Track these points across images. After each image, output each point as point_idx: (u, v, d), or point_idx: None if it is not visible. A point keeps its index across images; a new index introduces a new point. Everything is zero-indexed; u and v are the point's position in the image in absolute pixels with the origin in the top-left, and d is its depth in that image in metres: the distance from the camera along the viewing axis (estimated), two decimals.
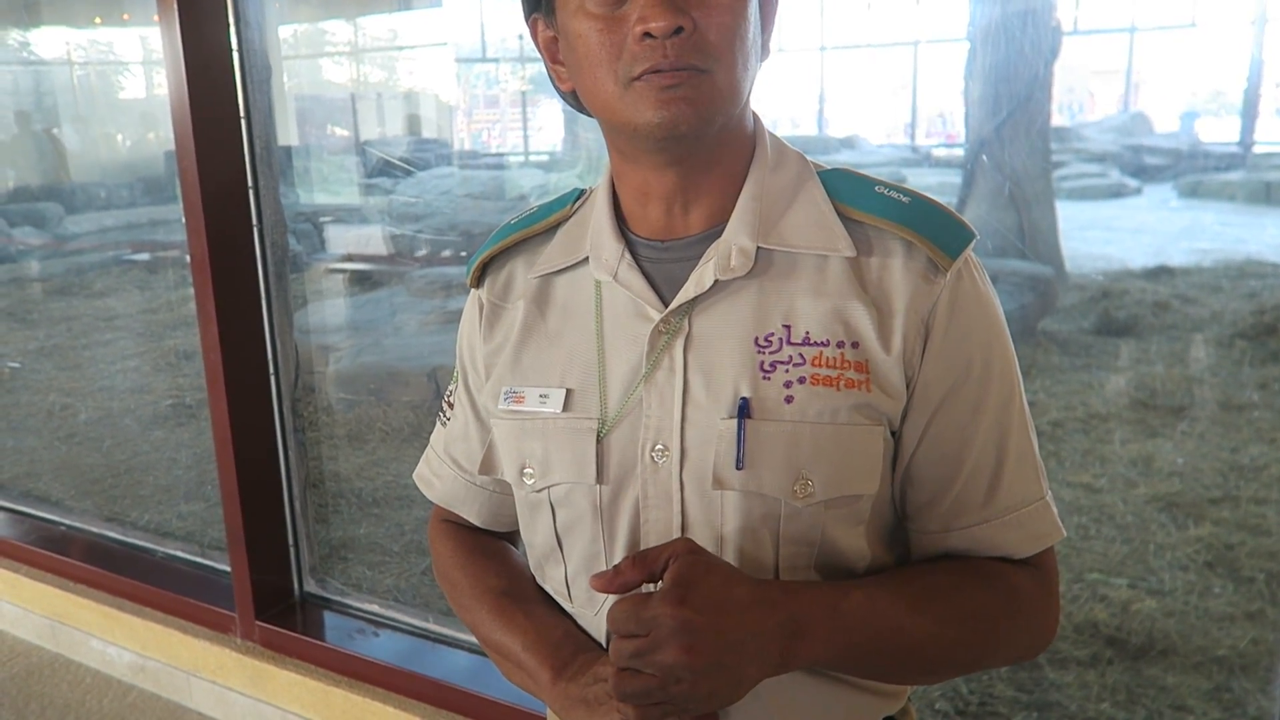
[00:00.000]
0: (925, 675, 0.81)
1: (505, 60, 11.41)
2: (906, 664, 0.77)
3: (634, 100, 0.72)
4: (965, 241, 0.77)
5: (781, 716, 0.81)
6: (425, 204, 7.37)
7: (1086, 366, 4.56)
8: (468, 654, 2.25)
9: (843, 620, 0.72)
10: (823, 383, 0.75)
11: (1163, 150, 9.92)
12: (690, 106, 0.71)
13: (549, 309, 0.86)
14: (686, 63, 0.70)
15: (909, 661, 0.76)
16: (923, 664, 0.77)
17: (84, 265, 6.93)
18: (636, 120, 0.72)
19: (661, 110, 0.71)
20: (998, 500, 0.79)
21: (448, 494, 0.99)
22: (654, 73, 0.70)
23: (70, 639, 2.79)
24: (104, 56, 8.64)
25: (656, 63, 0.70)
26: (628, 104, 0.72)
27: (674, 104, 0.71)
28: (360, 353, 4.88)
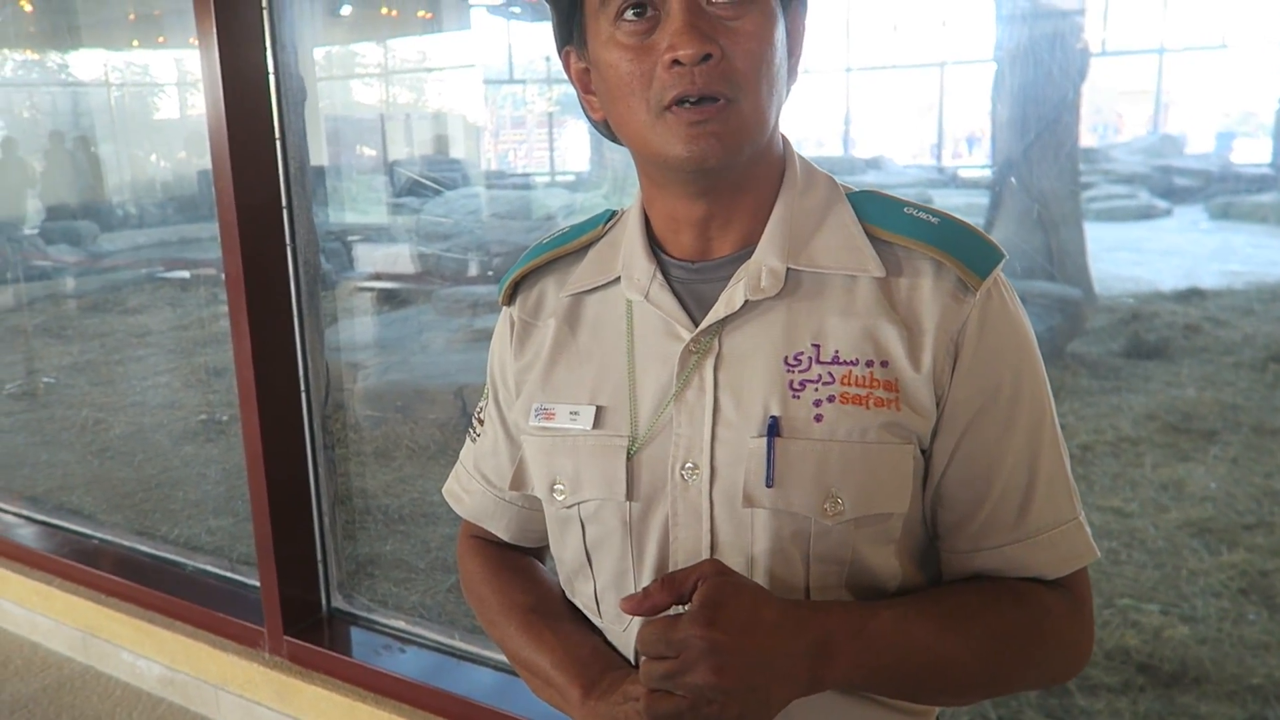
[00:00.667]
0: (955, 696, 0.81)
1: (532, 82, 11.52)
2: (936, 684, 0.76)
3: (664, 132, 0.73)
4: (995, 262, 0.77)
5: None
6: (452, 223, 7.44)
7: (1116, 389, 4.51)
8: (492, 671, 2.25)
9: (872, 641, 0.72)
10: (852, 401, 0.76)
11: (1193, 171, 9.84)
12: (718, 141, 0.72)
13: (580, 327, 0.87)
14: (714, 90, 0.71)
15: (939, 682, 0.76)
16: (953, 685, 0.77)
17: (118, 282, 7.05)
18: (666, 153, 0.74)
19: (691, 145, 0.72)
20: (1029, 520, 0.79)
21: (477, 509, 1.00)
22: (683, 103, 0.71)
23: (101, 651, 2.82)
24: (139, 78, 8.81)
25: (685, 89, 0.71)
26: (658, 135, 0.73)
27: (702, 139, 0.72)
28: (387, 370, 4.92)
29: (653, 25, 0.72)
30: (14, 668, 2.87)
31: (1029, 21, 5.31)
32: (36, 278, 6.41)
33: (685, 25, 0.70)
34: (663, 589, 0.70)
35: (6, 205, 6.58)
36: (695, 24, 0.70)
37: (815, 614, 0.72)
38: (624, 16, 0.73)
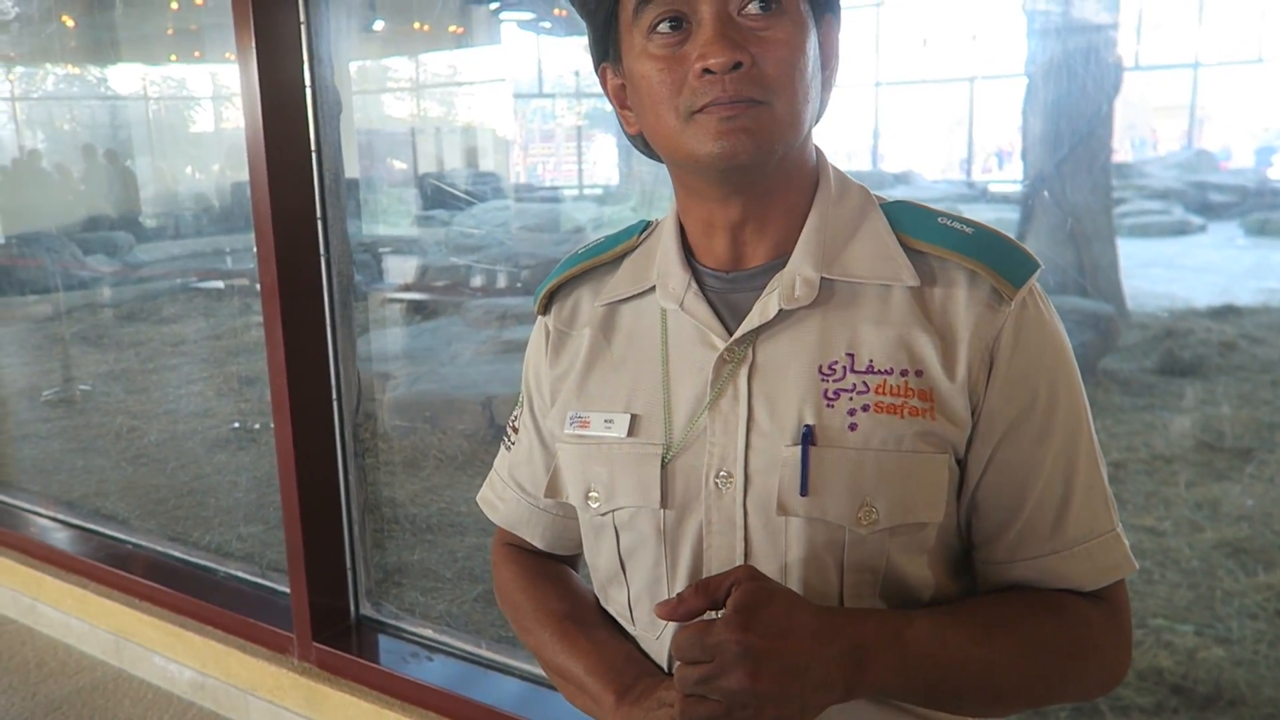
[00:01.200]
0: (991, 706, 0.80)
1: (562, 95, 11.61)
2: (972, 694, 0.76)
3: (695, 132, 0.74)
4: (1030, 271, 0.77)
5: None
6: (482, 235, 7.49)
7: (1150, 407, 4.46)
8: (519, 680, 2.25)
9: (907, 648, 0.72)
10: (886, 410, 0.76)
11: (1228, 187, 9.72)
12: (750, 136, 0.73)
13: (614, 336, 0.88)
14: (745, 96, 0.72)
15: (974, 691, 0.76)
16: (988, 694, 0.76)
17: (153, 292, 7.15)
18: (698, 151, 0.74)
19: (722, 140, 0.73)
20: (1065, 531, 0.78)
21: (511, 517, 1.00)
22: (714, 105, 0.72)
23: (133, 655, 2.86)
24: (176, 92, 8.96)
25: (716, 96, 0.72)
26: (689, 136, 0.74)
27: (733, 134, 0.73)
28: (417, 381, 4.96)
29: (684, 37, 0.73)
30: (48, 670, 2.91)
31: (1061, 36, 5.29)
32: (74, 287, 6.52)
33: (716, 35, 0.71)
34: (697, 594, 0.71)
35: (44, 216, 6.71)
36: (726, 33, 0.71)
37: (851, 620, 0.72)
38: (657, 29, 0.74)
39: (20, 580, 3.18)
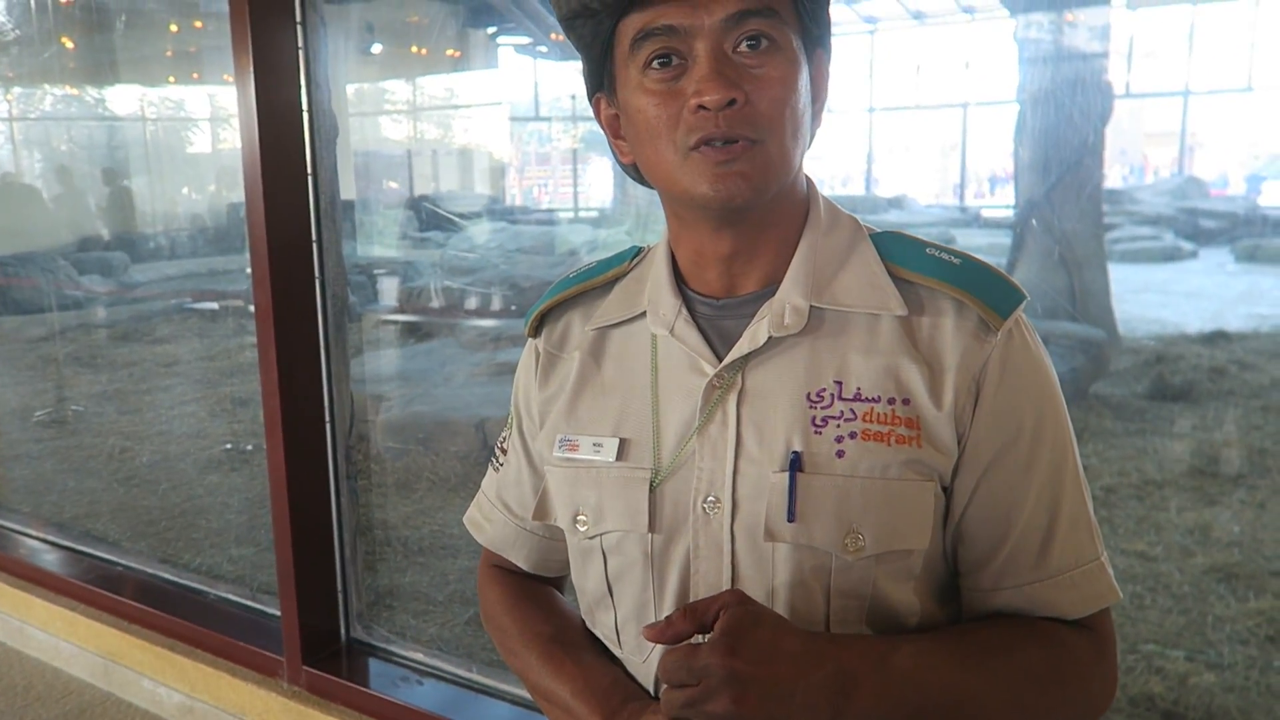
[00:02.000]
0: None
1: (558, 119, 11.68)
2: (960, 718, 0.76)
3: (691, 172, 0.75)
4: (1016, 302, 0.78)
5: None
6: (477, 258, 7.52)
7: (1141, 431, 4.47)
8: (509, 705, 2.24)
9: (892, 674, 0.72)
10: (874, 438, 0.77)
11: (1219, 214, 9.81)
12: (745, 181, 0.74)
13: (604, 360, 0.89)
14: (739, 134, 0.73)
15: (959, 718, 0.76)
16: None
17: (147, 312, 7.16)
18: (693, 191, 0.75)
19: (717, 184, 0.74)
20: (1050, 560, 0.79)
21: (498, 538, 1.01)
22: (708, 144, 0.73)
23: (122, 678, 2.83)
24: (174, 113, 9.01)
25: (710, 133, 0.73)
26: (685, 174, 0.75)
27: (729, 179, 0.74)
28: (410, 402, 4.96)
29: (680, 73, 0.74)
30: (36, 693, 2.89)
31: (1052, 64, 5.35)
32: (68, 307, 6.53)
33: (711, 72, 0.72)
34: (685, 618, 0.71)
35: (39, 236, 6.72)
36: (721, 71, 0.72)
37: (836, 646, 0.72)
38: (652, 65, 0.75)
39: (9, 602, 3.16)
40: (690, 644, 0.70)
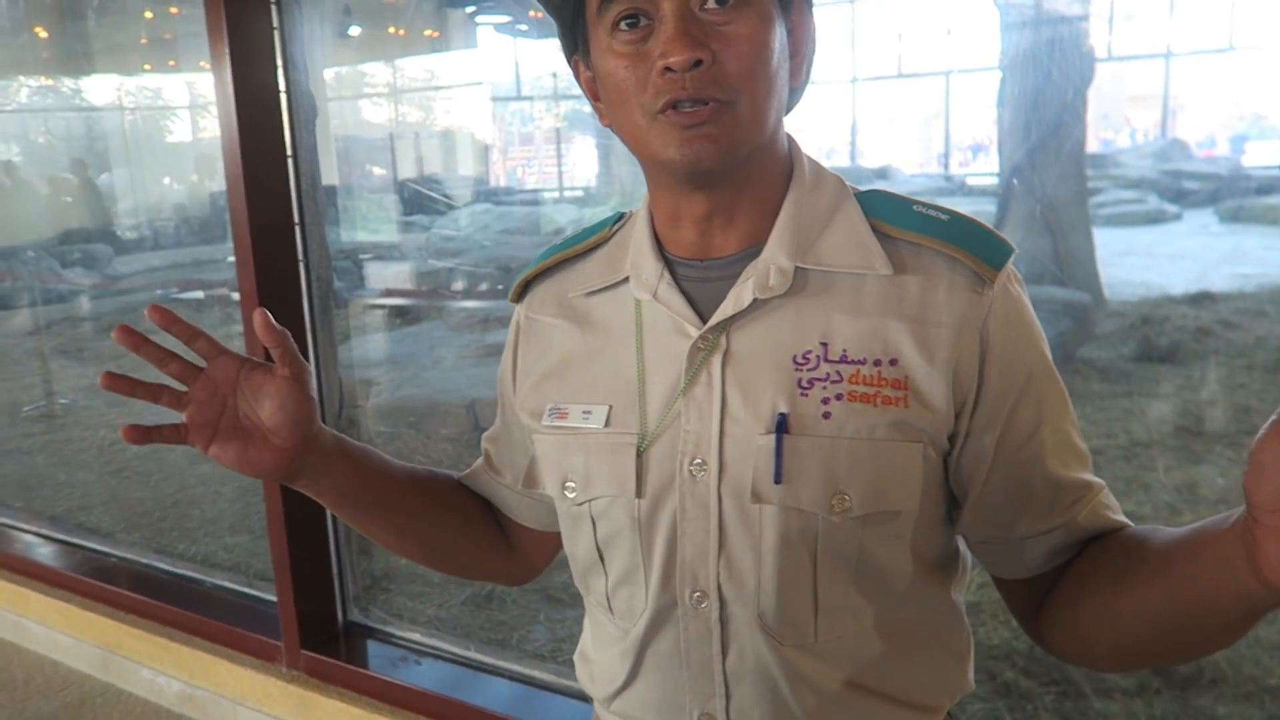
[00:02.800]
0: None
1: (540, 98, 11.61)
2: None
3: (659, 134, 0.74)
4: (1006, 254, 0.78)
5: None
6: (462, 239, 7.49)
7: (1128, 393, 4.50)
8: (509, 682, 2.26)
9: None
10: (860, 399, 0.76)
11: (1202, 175, 9.82)
12: (712, 143, 0.73)
13: (590, 328, 0.89)
14: (707, 95, 0.72)
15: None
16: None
17: (133, 304, 7.11)
18: (662, 155, 0.75)
19: (684, 148, 0.73)
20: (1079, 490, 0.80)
21: (471, 474, 1.05)
22: (676, 106, 0.73)
23: (121, 668, 2.84)
24: (152, 101, 8.91)
25: (677, 95, 0.72)
26: (654, 138, 0.75)
27: (696, 141, 0.73)
28: (400, 386, 4.96)
29: (647, 34, 0.74)
30: (35, 685, 2.89)
31: (1033, 28, 5.33)
32: (53, 300, 6.48)
33: (677, 32, 0.71)
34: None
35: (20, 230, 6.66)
36: (687, 30, 0.71)
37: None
38: (619, 26, 0.74)
39: (5, 597, 3.16)
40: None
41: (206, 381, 0.86)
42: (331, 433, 0.93)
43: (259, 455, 0.87)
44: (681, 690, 0.84)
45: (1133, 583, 0.73)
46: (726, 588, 0.79)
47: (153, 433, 0.85)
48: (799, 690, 0.80)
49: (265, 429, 0.87)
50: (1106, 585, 0.76)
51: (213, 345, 0.87)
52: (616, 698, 0.90)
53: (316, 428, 0.90)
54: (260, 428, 0.87)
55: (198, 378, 0.86)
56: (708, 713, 0.83)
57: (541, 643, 2.85)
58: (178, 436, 0.86)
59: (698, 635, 0.81)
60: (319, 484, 0.93)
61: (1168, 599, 0.70)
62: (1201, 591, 0.66)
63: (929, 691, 0.86)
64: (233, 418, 0.87)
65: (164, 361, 0.85)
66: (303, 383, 0.87)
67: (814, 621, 0.79)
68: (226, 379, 0.87)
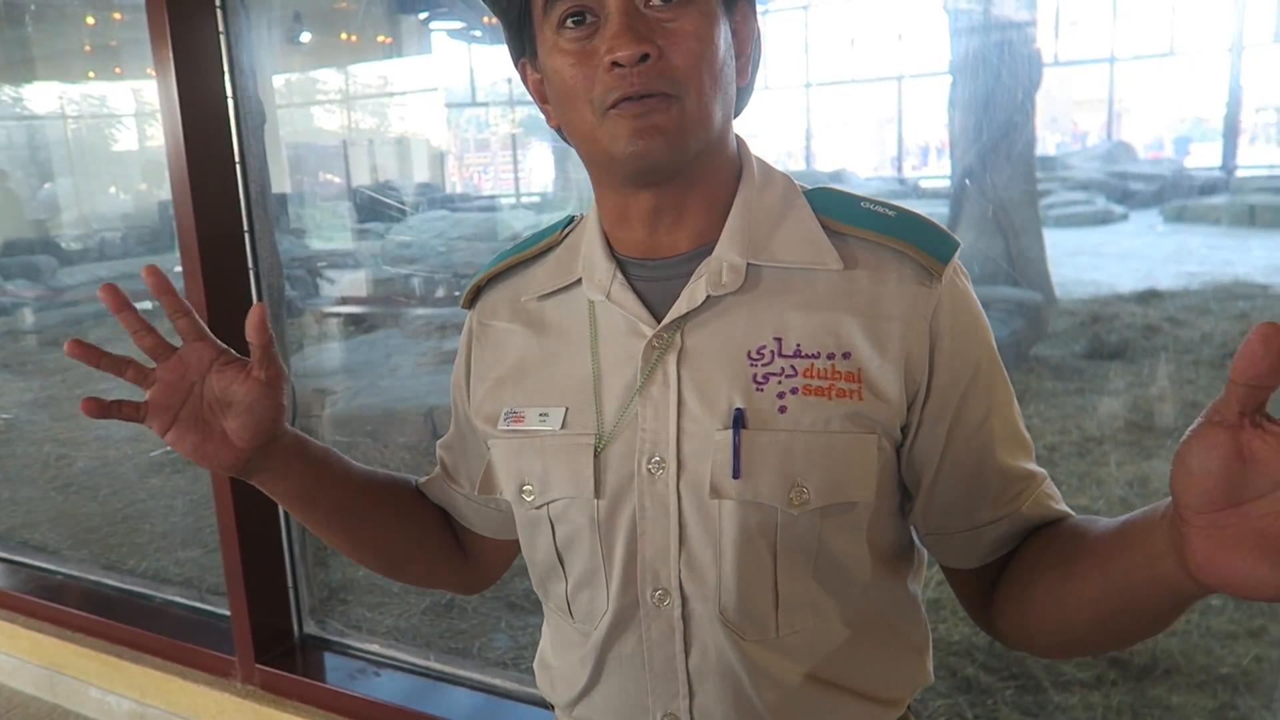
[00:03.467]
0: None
1: (495, 104, 11.57)
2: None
3: (609, 130, 0.74)
4: (952, 248, 0.79)
5: None
6: (419, 246, 7.43)
7: (1080, 390, 4.58)
8: (469, 692, 2.23)
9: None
10: (815, 393, 0.77)
11: (1147, 176, 10.07)
12: (662, 136, 0.73)
13: (544, 331, 0.88)
14: (654, 88, 0.72)
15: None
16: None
17: (79, 316, 6.95)
18: (613, 150, 0.75)
19: (635, 140, 0.73)
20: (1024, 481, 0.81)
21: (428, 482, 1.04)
22: (626, 100, 0.73)
23: (69, 689, 2.77)
24: (97, 109, 8.74)
25: (625, 91, 0.72)
26: (604, 134, 0.75)
27: (646, 134, 0.73)
28: (356, 395, 4.89)
29: (593, 31, 0.74)
30: None
31: (982, 33, 5.42)
32: None
33: (622, 28, 0.72)
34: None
35: None
36: (632, 26, 0.72)
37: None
38: (566, 24, 0.74)
39: None
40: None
41: (178, 364, 0.85)
42: (294, 433, 0.92)
43: (216, 450, 0.85)
44: (644, 692, 0.83)
45: (1074, 573, 0.74)
46: (688, 585, 0.79)
47: (111, 407, 0.82)
48: (761, 686, 0.80)
49: (228, 426, 0.85)
50: (1050, 575, 0.77)
51: (195, 327, 0.85)
52: (578, 703, 0.89)
53: (281, 431, 0.88)
54: (222, 423, 0.85)
55: (170, 357, 0.84)
56: (671, 713, 0.82)
57: (503, 650, 2.82)
58: (136, 415, 0.84)
59: (660, 635, 0.81)
60: (275, 485, 0.91)
61: (1106, 588, 0.71)
62: (1137, 582, 0.67)
63: (890, 685, 0.86)
64: (196, 406, 0.85)
65: (141, 332, 0.83)
66: (277, 389, 0.85)
67: (775, 616, 0.79)
68: (199, 365, 0.85)
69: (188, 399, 0.85)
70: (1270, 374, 0.53)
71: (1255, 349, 0.52)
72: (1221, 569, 0.57)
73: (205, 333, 0.86)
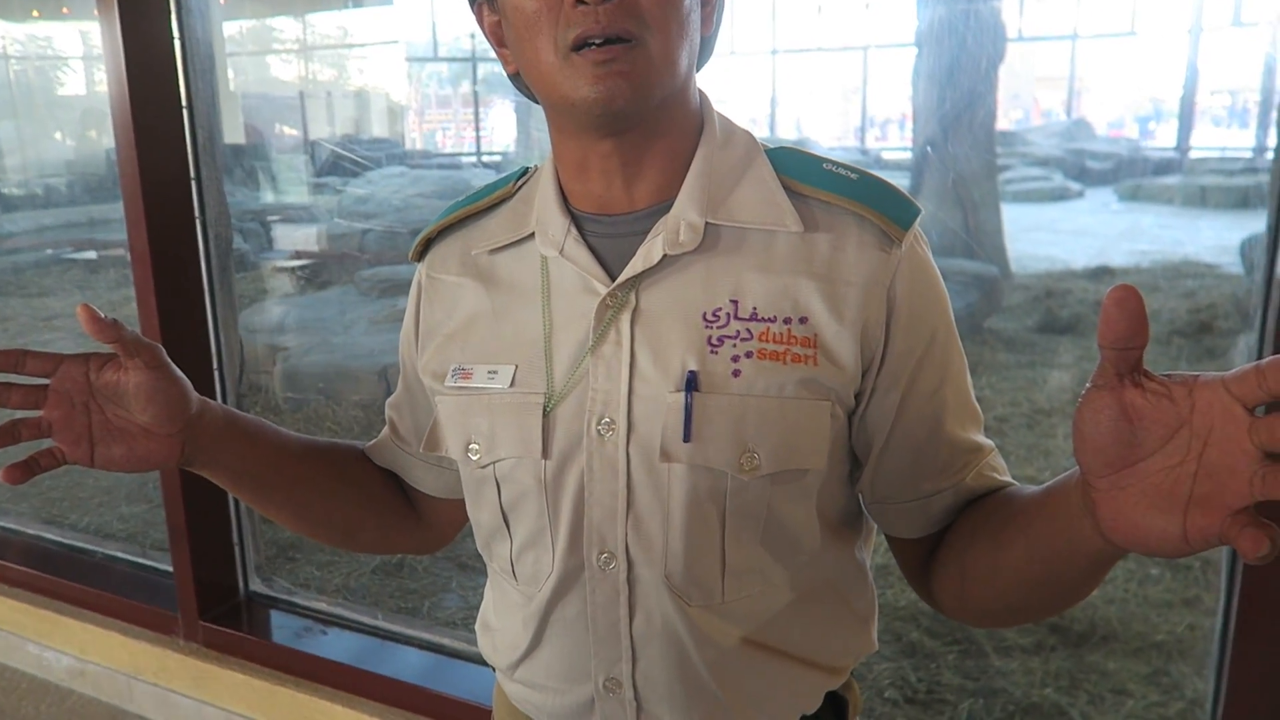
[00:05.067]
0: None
1: (458, 60, 11.35)
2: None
3: (571, 74, 0.71)
4: (914, 215, 0.78)
5: (726, 692, 0.81)
6: (376, 202, 7.30)
7: (1031, 363, 4.65)
8: (419, 651, 2.22)
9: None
10: (770, 357, 0.75)
11: (1104, 155, 10.19)
12: (626, 81, 0.71)
13: (495, 286, 0.85)
14: (620, 28, 0.70)
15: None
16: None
17: (21, 264, 6.75)
18: (574, 95, 0.72)
19: (597, 85, 0.71)
20: (972, 453, 0.81)
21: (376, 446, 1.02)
22: (589, 44, 0.70)
23: (5, 644, 2.71)
24: (42, 51, 8.43)
25: (589, 29, 0.69)
26: (565, 77, 0.72)
27: (610, 79, 0.70)
28: (309, 351, 4.81)
29: None
30: None
31: (948, 3, 5.41)
32: None
33: None
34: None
35: None
36: None
37: None
38: None
39: None
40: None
41: (58, 398, 0.80)
42: (221, 408, 0.89)
43: (146, 448, 0.82)
44: (587, 655, 0.82)
45: (1002, 540, 0.75)
46: (634, 549, 0.78)
47: (31, 465, 0.78)
48: (705, 651, 0.79)
49: (142, 423, 0.81)
50: (982, 544, 0.77)
51: (46, 359, 0.80)
52: (519, 665, 0.88)
53: (199, 404, 0.85)
54: (135, 423, 0.81)
55: (47, 398, 0.80)
56: (614, 677, 0.82)
57: (453, 611, 2.82)
58: (55, 461, 0.80)
59: (605, 598, 0.80)
60: (216, 463, 0.88)
61: (1030, 554, 0.72)
62: (1059, 547, 0.68)
63: (834, 652, 0.86)
64: (102, 420, 0.81)
65: (1, 398, 0.78)
66: (161, 365, 0.81)
67: (721, 581, 0.78)
68: (77, 386, 0.80)
69: (89, 419, 0.81)
70: (1131, 334, 0.54)
71: (1111, 313, 0.54)
72: (1126, 527, 0.58)
73: (59, 357, 0.81)
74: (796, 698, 0.85)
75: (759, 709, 0.83)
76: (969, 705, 2.33)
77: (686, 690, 0.81)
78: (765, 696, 0.83)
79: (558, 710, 0.86)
